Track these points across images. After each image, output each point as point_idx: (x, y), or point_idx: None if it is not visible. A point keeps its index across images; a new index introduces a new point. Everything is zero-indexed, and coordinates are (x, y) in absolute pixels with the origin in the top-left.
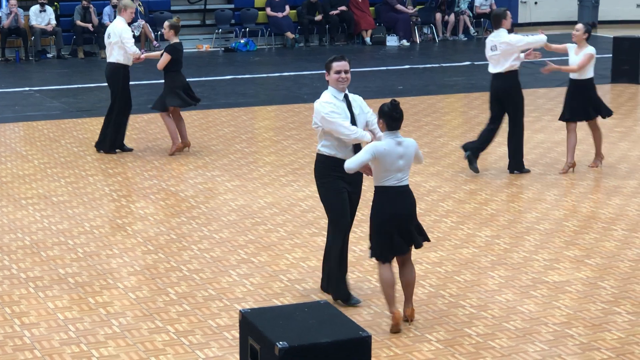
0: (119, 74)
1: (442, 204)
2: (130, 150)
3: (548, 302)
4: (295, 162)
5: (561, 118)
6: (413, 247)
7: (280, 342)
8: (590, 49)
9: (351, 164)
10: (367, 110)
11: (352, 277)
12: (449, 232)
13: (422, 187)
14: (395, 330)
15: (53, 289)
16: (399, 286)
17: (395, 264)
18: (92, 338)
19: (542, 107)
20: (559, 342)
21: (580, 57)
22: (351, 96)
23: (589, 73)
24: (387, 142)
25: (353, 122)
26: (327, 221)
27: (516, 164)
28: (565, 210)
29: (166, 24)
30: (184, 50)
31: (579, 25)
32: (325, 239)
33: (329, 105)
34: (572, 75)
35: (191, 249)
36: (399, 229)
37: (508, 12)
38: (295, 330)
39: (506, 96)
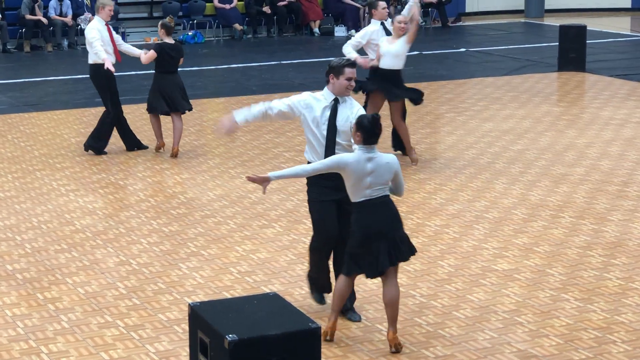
0: (100, 73)
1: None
2: (146, 147)
3: (497, 290)
4: (244, 154)
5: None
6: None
7: (230, 335)
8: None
9: (305, 171)
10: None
11: (302, 268)
12: None
13: None
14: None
15: (1, 285)
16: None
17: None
18: (41, 334)
19: (490, 95)
20: (508, 330)
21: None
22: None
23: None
24: (358, 155)
25: (331, 124)
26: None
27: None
28: (514, 199)
29: (159, 23)
30: (132, 43)
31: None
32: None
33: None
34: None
35: (140, 242)
36: (377, 244)
37: (380, 3)
38: (245, 322)
39: None
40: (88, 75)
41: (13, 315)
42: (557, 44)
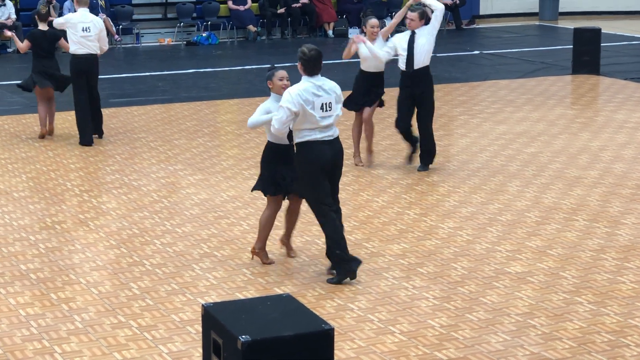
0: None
1: (405, 196)
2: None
3: (510, 293)
4: (257, 155)
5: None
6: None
7: (243, 336)
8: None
9: (250, 122)
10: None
11: (315, 269)
12: (411, 224)
13: (384, 180)
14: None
15: (15, 285)
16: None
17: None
18: (55, 334)
19: (504, 98)
20: (521, 333)
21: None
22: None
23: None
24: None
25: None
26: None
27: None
28: (527, 201)
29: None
30: (146, 44)
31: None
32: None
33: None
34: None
35: (154, 243)
36: None
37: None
38: (258, 323)
39: None
40: (103, 77)
41: (27, 314)
42: (572, 46)
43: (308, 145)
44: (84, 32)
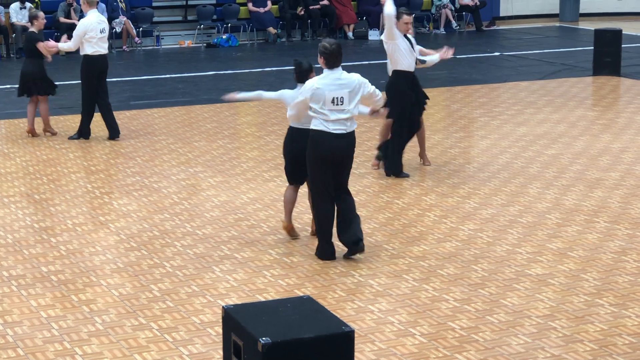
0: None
1: (425, 197)
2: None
3: (531, 295)
4: (278, 157)
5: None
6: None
7: (263, 338)
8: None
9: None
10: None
11: (336, 272)
12: (432, 226)
13: (405, 181)
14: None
15: (36, 287)
16: None
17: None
18: (76, 336)
19: (524, 100)
20: (542, 335)
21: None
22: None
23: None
24: (293, 90)
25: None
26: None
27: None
28: (548, 203)
29: None
30: (166, 47)
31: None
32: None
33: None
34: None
35: (174, 245)
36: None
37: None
38: (279, 325)
39: None
40: (124, 79)
41: (48, 316)
42: (592, 48)
43: (316, 134)
44: (101, 33)
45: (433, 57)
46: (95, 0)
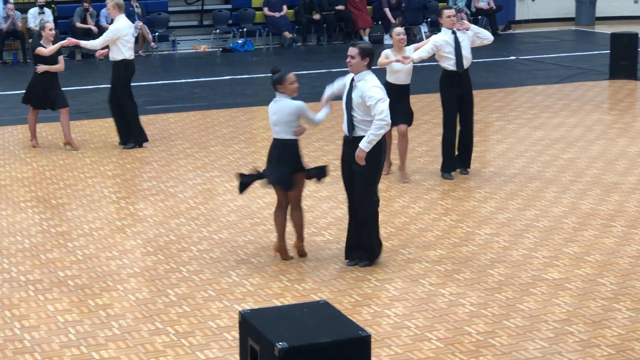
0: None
1: (442, 202)
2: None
3: (548, 300)
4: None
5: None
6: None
7: (280, 343)
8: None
9: None
10: (367, 101)
11: (352, 276)
12: (448, 231)
13: (421, 186)
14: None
15: (53, 291)
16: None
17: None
18: (92, 340)
19: (540, 104)
20: (559, 340)
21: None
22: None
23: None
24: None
25: (348, 101)
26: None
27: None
28: (564, 207)
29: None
30: (182, 51)
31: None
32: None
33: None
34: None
35: (190, 250)
36: (271, 169)
37: (445, 11)
38: (295, 330)
39: None
40: (140, 84)
41: (65, 321)
42: (609, 51)
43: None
44: (132, 37)
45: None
46: (124, 4)
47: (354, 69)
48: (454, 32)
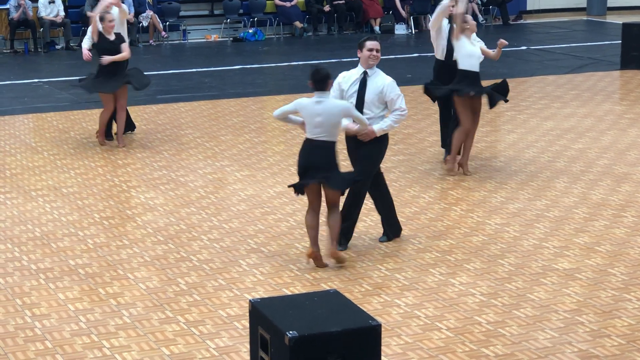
0: None
1: (452, 192)
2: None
3: (558, 290)
4: None
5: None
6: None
7: (290, 332)
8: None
9: (276, 111)
10: (388, 95)
11: (362, 265)
12: (458, 220)
13: (431, 175)
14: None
15: (63, 280)
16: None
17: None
18: (103, 329)
19: (551, 94)
20: (569, 330)
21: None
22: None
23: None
24: (310, 99)
25: (359, 100)
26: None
27: None
28: (575, 198)
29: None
30: (193, 41)
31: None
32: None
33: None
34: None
35: (201, 239)
36: (308, 176)
37: None
38: (305, 319)
39: None
40: (150, 73)
41: (76, 309)
42: (620, 42)
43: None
44: None
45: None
46: None
47: (377, 62)
48: (450, 22)
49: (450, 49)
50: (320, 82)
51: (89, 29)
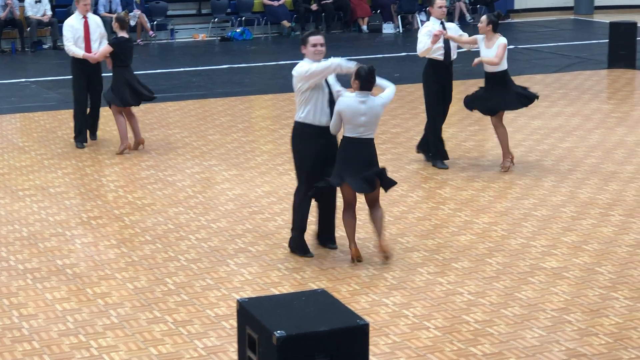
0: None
1: (440, 191)
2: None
3: (546, 289)
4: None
5: (486, 112)
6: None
7: (278, 331)
8: (502, 40)
9: (331, 128)
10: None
11: (350, 264)
12: (446, 219)
13: (419, 175)
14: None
15: (51, 280)
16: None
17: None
18: (91, 329)
19: (539, 93)
20: (557, 328)
21: (494, 49)
22: None
23: (503, 65)
24: (350, 98)
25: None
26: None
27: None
28: (563, 197)
29: (114, 17)
30: (181, 40)
31: (483, 17)
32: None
33: (305, 64)
34: (489, 69)
35: (189, 238)
36: (355, 173)
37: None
38: (293, 319)
39: None
40: (138, 72)
41: (63, 309)
42: (607, 41)
43: None
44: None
45: None
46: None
47: (323, 56)
48: (442, 23)
49: (447, 49)
50: (369, 82)
51: (67, 33)
